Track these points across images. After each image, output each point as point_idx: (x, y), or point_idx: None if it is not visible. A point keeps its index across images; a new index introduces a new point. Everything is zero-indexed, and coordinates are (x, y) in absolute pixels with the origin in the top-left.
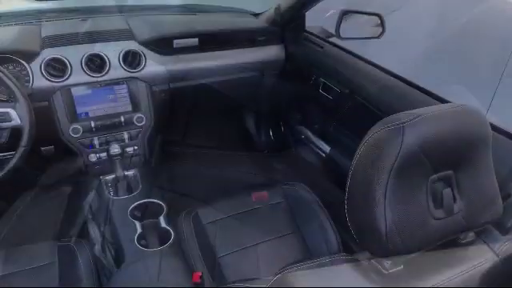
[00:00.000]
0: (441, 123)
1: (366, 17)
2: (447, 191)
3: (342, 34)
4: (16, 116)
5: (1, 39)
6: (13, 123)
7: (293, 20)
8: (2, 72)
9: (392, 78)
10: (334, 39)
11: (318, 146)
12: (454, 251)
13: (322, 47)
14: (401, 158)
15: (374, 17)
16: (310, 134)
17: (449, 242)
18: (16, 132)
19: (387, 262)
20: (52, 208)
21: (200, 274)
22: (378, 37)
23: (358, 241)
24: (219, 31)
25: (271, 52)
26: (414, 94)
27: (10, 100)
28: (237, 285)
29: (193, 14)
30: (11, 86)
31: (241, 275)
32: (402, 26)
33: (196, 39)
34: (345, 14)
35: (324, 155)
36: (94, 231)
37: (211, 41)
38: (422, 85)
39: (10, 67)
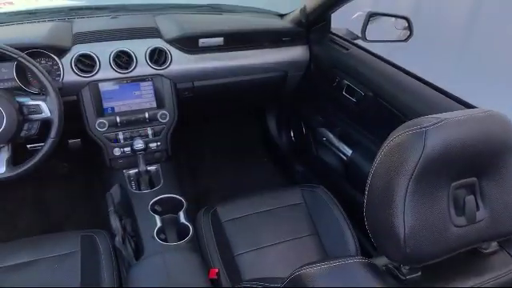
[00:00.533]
0: (465, 128)
1: (393, 19)
2: (470, 198)
3: (367, 37)
4: (46, 109)
5: (35, 34)
6: (43, 115)
7: (318, 21)
8: (36, 66)
9: (418, 82)
10: (359, 41)
11: (339, 149)
12: (475, 261)
13: (347, 49)
14: (422, 163)
15: (401, 20)
16: (331, 136)
17: (470, 250)
18: (46, 124)
19: (405, 268)
20: (76, 199)
21: (217, 270)
22: (404, 40)
23: (375, 244)
24: (244, 31)
25: (295, 53)
26: (439, 99)
27: (42, 93)
28: (252, 283)
29: (219, 13)
30: (43, 80)
31: (257, 274)
32: None
33: (221, 39)
34: (371, 16)
35: (345, 158)
36: (116, 223)
37: (236, 40)
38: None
39: (43, 62)
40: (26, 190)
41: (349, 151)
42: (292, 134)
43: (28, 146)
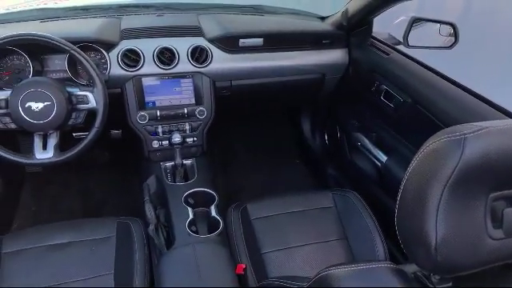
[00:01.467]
0: (507, 138)
1: (437, 25)
2: (509, 211)
3: (410, 42)
4: (93, 99)
5: (86, 29)
6: (89, 106)
7: (359, 25)
8: (86, 59)
9: (459, 89)
10: (400, 47)
11: (374, 155)
12: (510, 276)
13: (387, 54)
14: (459, 171)
15: (446, 26)
16: (366, 141)
17: (505, 265)
18: (91, 114)
19: (435, 277)
20: (115, 187)
21: (244, 266)
22: (449, 47)
23: (405, 251)
24: (284, 32)
25: (335, 56)
26: (481, 107)
27: (89, 85)
28: (277, 280)
29: (260, 14)
30: (92, 73)
31: (282, 273)
32: None
33: (261, 39)
34: (415, 21)
35: (379, 164)
36: (150, 212)
37: (275, 41)
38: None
39: (92, 55)
40: (70, 175)
41: (384, 157)
42: (326, 137)
43: (74, 134)
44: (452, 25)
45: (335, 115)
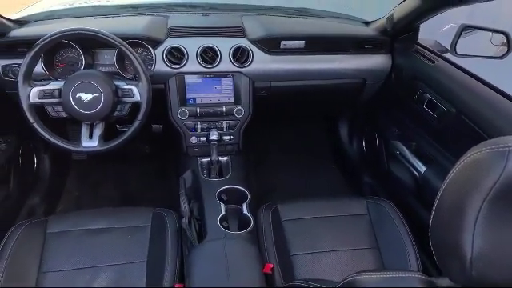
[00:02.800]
0: None
1: (489, 34)
2: None
3: (458, 51)
4: (137, 93)
5: (135, 26)
6: (134, 99)
7: (405, 31)
8: (133, 55)
9: (508, 101)
10: (447, 55)
11: (412, 165)
12: None
13: (433, 62)
14: (501, 184)
15: (499, 34)
16: (405, 150)
17: None
18: (135, 107)
19: None
20: (152, 178)
21: (272, 266)
22: (501, 57)
23: (438, 264)
24: (326, 36)
25: (377, 61)
26: None
27: (135, 79)
28: (304, 282)
29: (303, 17)
30: (138, 68)
31: (310, 277)
32: None
33: (303, 42)
34: (465, 29)
35: (418, 175)
36: (185, 205)
37: (317, 44)
38: None
39: (139, 51)
40: (111, 165)
41: (423, 168)
42: (364, 144)
43: (118, 126)
44: (505, 34)
45: (374, 122)
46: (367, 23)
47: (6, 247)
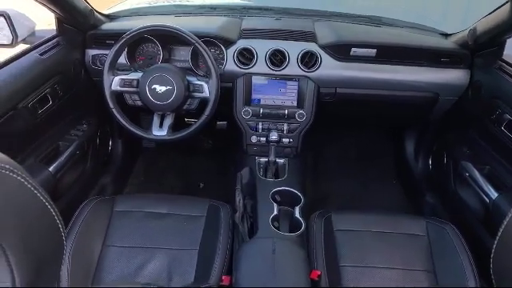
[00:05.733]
0: None
1: None
2: None
3: None
4: (207, 90)
5: (211, 26)
6: (203, 95)
7: (488, 45)
8: (207, 53)
9: None
10: None
11: (482, 189)
12: None
13: None
14: None
15: None
16: (476, 173)
17: None
18: (203, 103)
19: None
20: (212, 172)
21: (319, 273)
22: None
23: None
24: (400, 45)
25: (454, 76)
26: None
27: (206, 76)
28: None
29: (377, 25)
30: (210, 66)
31: None
32: None
33: (374, 50)
34: None
35: (488, 200)
36: (239, 200)
37: (389, 54)
38: None
39: (212, 50)
40: (176, 156)
41: (494, 194)
42: (430, 162)
43: (186, 119)
44: None
45: (444, 139)
46: (446, 35)
47: (77, 219)
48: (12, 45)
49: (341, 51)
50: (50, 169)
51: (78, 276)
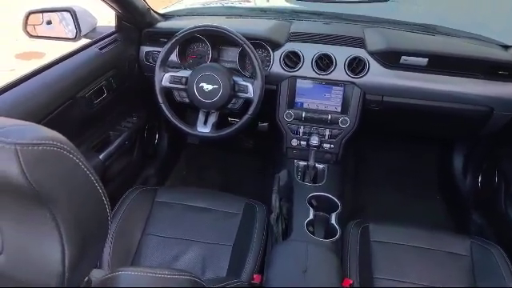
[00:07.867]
0: None
1: None
2: None
3: None
4: (251, 90)
5: (260, 28)
6: (247, 95)
7: None
8: (254, 54)
9: None
10: None
11: None
12: None
13: None
14: None
15: None
16: None
17: None
18: (247, 103)
19: None
20: (250, 171)
21: (351, 282)
22: None
23: None
24: (454, 55)
25: (511, 90)
26: None
27: (252, 77)
28: None
29: (431, 34)
30: (256, 67)
31: None
32: None
33: (426, 59)
34: None
35: None
36: (276, 202)
37: (442, 64)
38: None
39: (259, 51)
40: (217, 153)
41: None
42: (480, 180)
43: (229, 118)
44: None
45: (496, 156)
46: (507, 47)
47: (121, 206)
48: (75, 39)
49: (390, 58)
50: (101, 156)
51: (117, 259)
